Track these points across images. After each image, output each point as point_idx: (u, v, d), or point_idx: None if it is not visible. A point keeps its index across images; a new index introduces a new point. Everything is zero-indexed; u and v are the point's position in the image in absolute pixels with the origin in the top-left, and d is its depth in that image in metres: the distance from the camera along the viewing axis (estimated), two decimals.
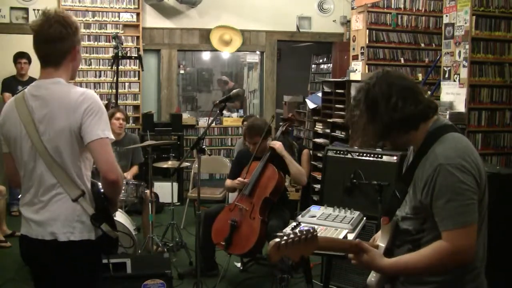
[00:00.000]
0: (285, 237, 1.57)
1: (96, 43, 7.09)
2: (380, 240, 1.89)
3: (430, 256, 1.68)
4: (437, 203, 1.67)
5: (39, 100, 2.10)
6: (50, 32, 2.08)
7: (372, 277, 1.85)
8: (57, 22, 2.08)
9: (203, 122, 7.75)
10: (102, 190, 2.18)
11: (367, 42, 6.55)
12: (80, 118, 2.06)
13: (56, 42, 2.09)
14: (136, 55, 6.67)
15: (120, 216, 4.19)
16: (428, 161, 1.71)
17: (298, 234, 1.59)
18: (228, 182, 4.52)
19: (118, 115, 4.99)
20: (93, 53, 7.06)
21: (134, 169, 5.14)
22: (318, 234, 1.65)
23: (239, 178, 4.33)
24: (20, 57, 6.17)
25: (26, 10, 6.81)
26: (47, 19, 2.09)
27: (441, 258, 1.66)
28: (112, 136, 2.12)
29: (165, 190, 6.33)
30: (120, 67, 6.12)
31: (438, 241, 1.68)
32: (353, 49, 6.87)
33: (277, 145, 4.23)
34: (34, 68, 6.16)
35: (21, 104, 2.12)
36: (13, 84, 6.14)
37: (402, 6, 6.70)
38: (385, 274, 1.81)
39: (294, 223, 2.98)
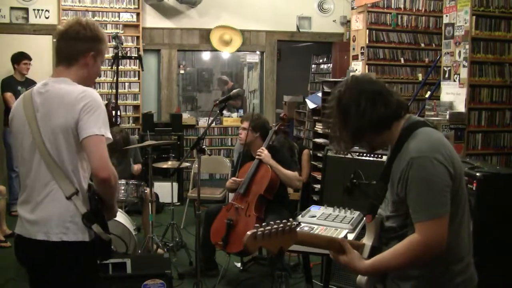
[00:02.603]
0: (261, 228, 1.58)
1: None
2: (366, 238, 1.91)
3: (403, 251, 1.72)
4: (410, 196, 1.72)
5: (43, 97, 2.12)
6: (69, 30, 2.15)
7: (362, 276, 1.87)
8: (78, 24, 2.16)
9: (203, 122, 7.75)
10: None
11: (367, 42, 6.54)
12: (77, 114, 2.05)
13: (71, 39, 2.15)
14: (136, 55, 6.67)
15: (120, 216, 4.19)
16: (402, 156, 1.77)
17: (275, 226, 1.61)
18: (228, 182, 4.53)
19: None
20: None
21: (139, 166, 5.16)
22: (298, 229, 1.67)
23: (233, 178, 4.36)
24: (25, 57, 6.15)
25: (26, 10, 6.79)
26: (74, 20, 2.19)
27: (414, 252, 1.70)
28: (109, 135, 2.09)
29: (165, 190, 6.33)
30: (120, 67, 6.12)
31: (411, 235, 1.72)
32: (353, 49, 6.86)
33: (263, 155, 4.20)
34: (34, 69, 6.20)
35: (27, 101, 2.15)
36: (13, 84, 6.14)
37: (402, 6, 6.69)
38: (364, 276, 1.84)
39: (294, 223, 2.98)
